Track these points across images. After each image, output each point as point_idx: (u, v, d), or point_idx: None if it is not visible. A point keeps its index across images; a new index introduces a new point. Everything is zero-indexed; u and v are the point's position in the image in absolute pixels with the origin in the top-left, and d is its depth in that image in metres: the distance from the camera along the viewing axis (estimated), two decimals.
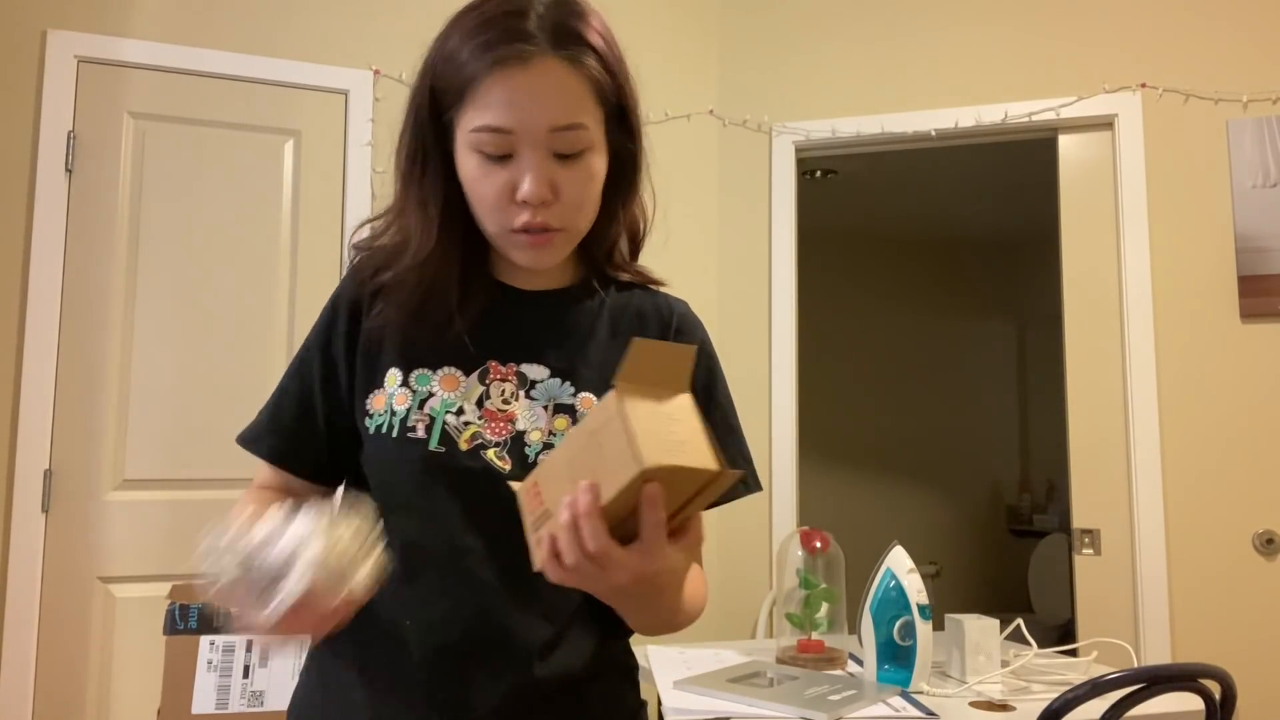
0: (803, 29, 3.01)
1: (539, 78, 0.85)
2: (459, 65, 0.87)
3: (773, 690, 1.62)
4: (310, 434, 0.97)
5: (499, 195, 0.87)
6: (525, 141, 0.86)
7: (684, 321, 1.05)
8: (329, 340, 0.97)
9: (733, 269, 3.00)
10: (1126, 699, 1.44)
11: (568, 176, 0.88)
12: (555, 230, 0.89)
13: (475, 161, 0.87)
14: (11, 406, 2.32)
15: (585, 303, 1.00)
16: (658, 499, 0.68)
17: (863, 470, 5.33)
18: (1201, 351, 2.59)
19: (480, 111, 0.85)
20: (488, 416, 0.91)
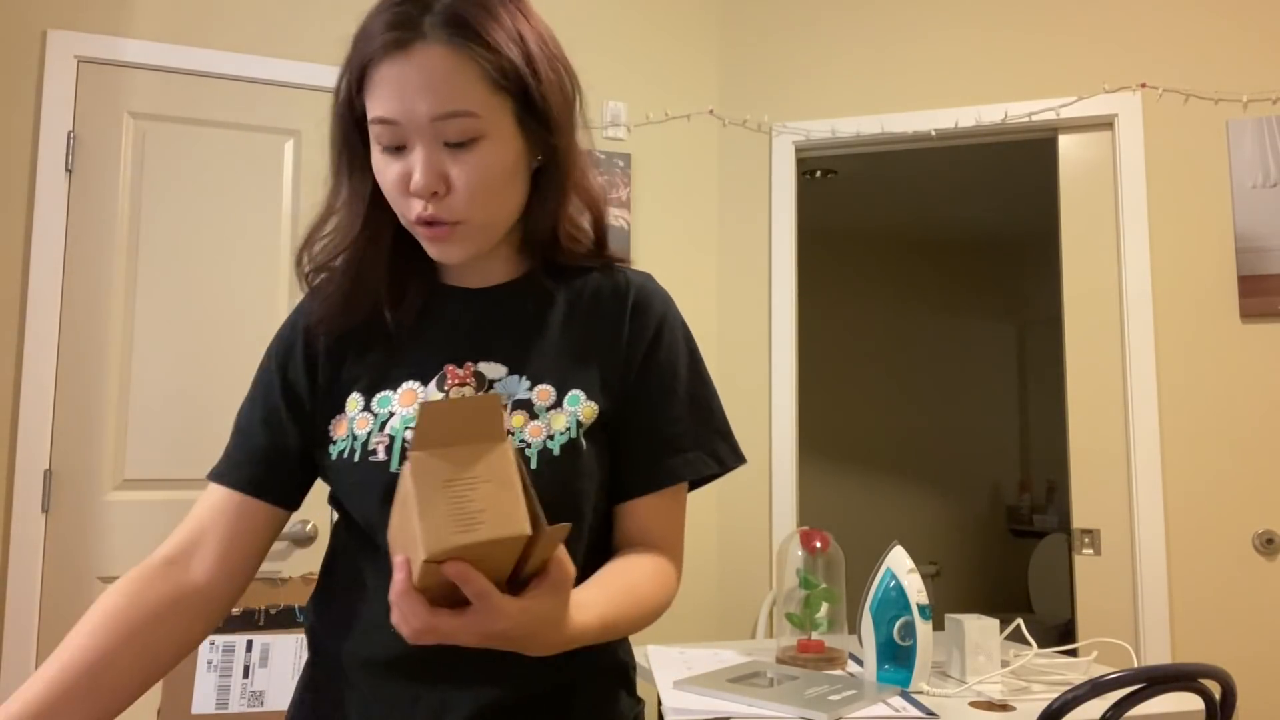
0: (803, 29, 3.01)
1: (419, 66, 0.83)
2: (359, 53, 0.87)
3: (773, 690, 1.62)
4: (283, 459, 0.96)
5: (396, 186, 0.87)
6: (412, 131, 0.84)
7: (641, 294, 0.98)
8: (286, 363, 0.97)
9: (733, 269, 3.00)
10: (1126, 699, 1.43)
11: (459, 167, 0.85)
12: (451, 223, 0.87)
13: (377, 153, 0.88)
14: (11, 406, 2.33)
15: (533, 295, 0.97)
16: (466, 574, 0.67)
17: (863, 470, 5.33)
18: (1201, 351, 2.59)
19: (374, 103, 0.86)
20: None
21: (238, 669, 1.77)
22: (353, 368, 0.95)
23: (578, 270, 0.98)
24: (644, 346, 0.96)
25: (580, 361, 0.94)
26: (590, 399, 0.92)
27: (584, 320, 0.96)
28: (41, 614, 2.31)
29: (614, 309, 0.97)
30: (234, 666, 1.77)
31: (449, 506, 0.67)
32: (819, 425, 5.09)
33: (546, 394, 0.91)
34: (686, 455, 0.96)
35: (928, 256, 5.54)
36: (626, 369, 0.95)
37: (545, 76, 0.88)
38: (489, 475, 0.68)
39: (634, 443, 0.95)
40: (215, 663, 1.76)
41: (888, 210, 4.95)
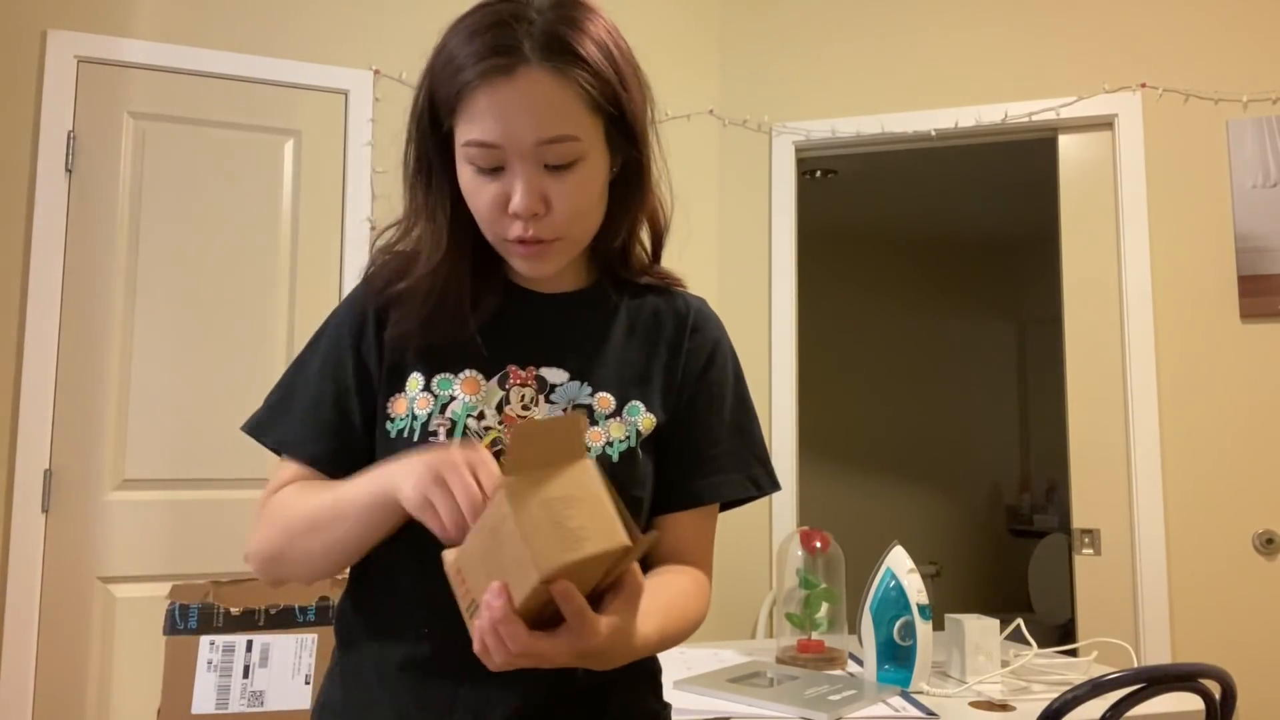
0: (803, 29, 3.01)
1: (524, 91, 0.84)
2: (451, 76, 0.86)
3: (773, 690, 1.62)
4: (350, 437, 0.95)
5: (491, 207, 0.88)
6: (513, 155, 0.85)
7: (700, 318, 1.04)
8: (359, 343, 0.97)
9: (733, 269, 3.00)
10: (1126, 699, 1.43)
11: (559, 188, 0.87)
12: (549, 241, 0.89)
13: (469, 173, 0.88)
14: (11, 406, 2.32)
15: (601, 305, 1.00)
16: (570, 592, 0.68)
17: (863, 470, 5.33)
18: (1201, 351, 2.59)
19: (469, 125, 0.86)
20: (507, 421, 0.92)
21: (238, 669, 1.77)
22: (417, 349, 0.95)
23: (639, 287, 1.02)
24: (698, 368, 1.01)
25: (640, 375, 0.98)
26: (649, 411, 0.96)
27: (644, 336, 1.00)
28: (41, 614, 2.31)
29: (674, 329, 1.01)
30: (234, 666, 1.77)
31: (551, 526, 0.68)
32: (819, 425, 5.08)
33: (607, 402, 0.94)
34: (727, 476, 1.01)
35: (928, 256, 5.54)
36: (681, 387, 0.99)
37: (633, 91, 0.91)
38: (581, 492, 0.70)
39: (678, 459, 0.99)
40: (215, 663, 1.76)
41: (888, 210, 4.95)
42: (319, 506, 0.88)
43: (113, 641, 2.36)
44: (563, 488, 0.70)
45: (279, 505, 0.92)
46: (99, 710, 2.34)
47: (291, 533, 0.89)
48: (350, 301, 1.00)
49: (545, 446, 0.70)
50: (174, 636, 1.76)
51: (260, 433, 0.98)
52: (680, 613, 0.92)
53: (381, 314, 0.97)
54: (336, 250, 2.61)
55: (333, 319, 1.01)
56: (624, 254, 1.01)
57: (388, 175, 2.61)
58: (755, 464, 1.03)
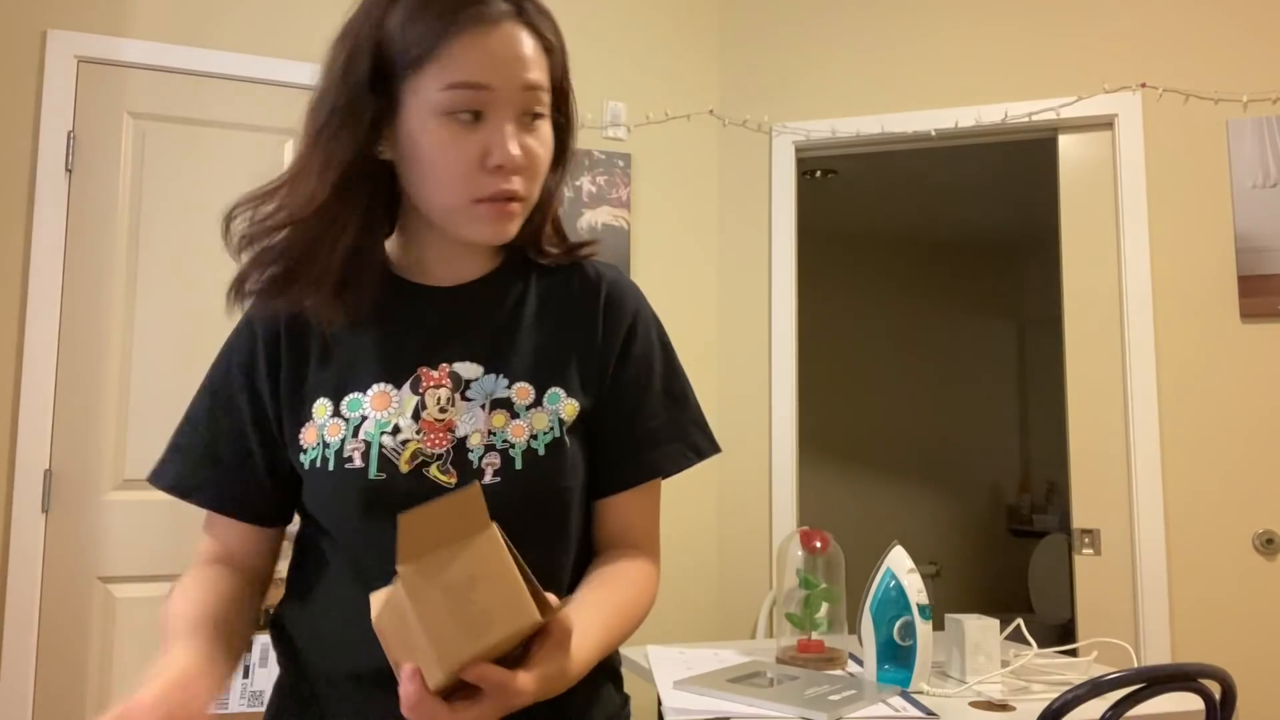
0: (803, 29, 3.01)
1: (509, 38, 0.85)
2: (419, 29, 0.83)
3: (773, 690, 1.62)
4: (253, 477, 0.92)
5: (470, 162, 0.84)
6: (500, 100, 0.84)
7: (614, 289, 0.98)
8: (251, 373, 0.93)
9: (733, 269, 3.00)
10: (1126, 699, 1.43)
11: (531, 142, 0.86)
12: (521, 200, 0.87)
13: (444, 127, 0.84)
14: (11, 406, 2.32)
15: (506, 290, 0.95)
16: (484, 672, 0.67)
17: (863, 470, 5.33)
18: (1201, 351, 2.59)
19: (454, 69, 0.83)
20: (426, 428, 0.87)
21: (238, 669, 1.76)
22: (318, 373, 0.91)
23: (545, 266, 0.98)
24: (619, 343, 0.96)
25: (557, 359, 0.93)
26: (571, 396, 0.92)
27: (557, 317, 0.95)
28: (41, 614, 2.31)
29: (587, 305, 0.96)
30: None
31: (453, 616, 0.66)
32: (819, 425, 5.09)
33: (526, 392, 0.90)
34: (665, 449, 0.97)
35: (928, 256, 5.54)
36: (603, 366, 0.95)
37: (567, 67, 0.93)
38: (484, 570, 0.67)
39: (612, 438, 0.95)
40: None
41: (888, 210, 4.95)
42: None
43: (113, 641, 2.36)
44: (466, 566, 0.67)
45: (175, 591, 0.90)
46: (99, 710, 2.34)
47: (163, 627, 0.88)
48: (240, 329, 0.97)
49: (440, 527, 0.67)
50: None
51: (158, 479, 0.95)
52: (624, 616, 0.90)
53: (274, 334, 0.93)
54: None
55: (223, 350, 0.98)
56: (539, 233, 0.96)
57: None
58: (693, 429, 0.99)
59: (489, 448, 0.87)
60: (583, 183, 2.81)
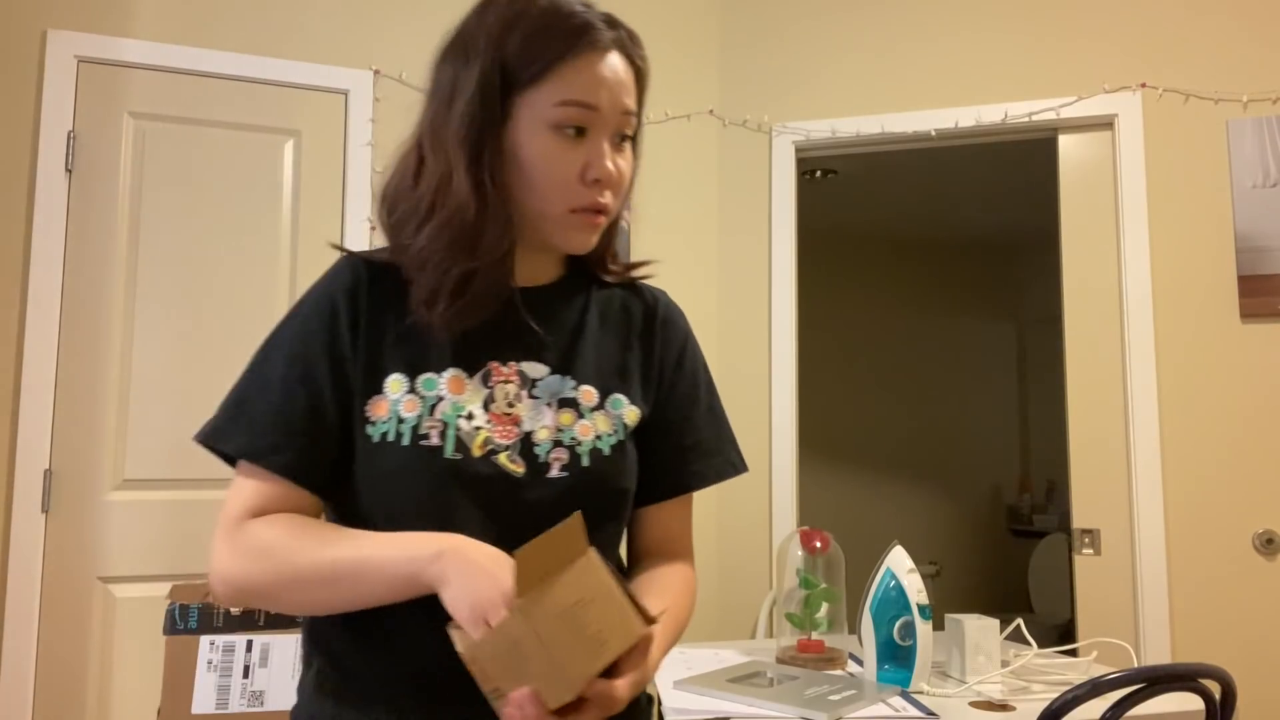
0: (803, 29, 3.01)
1: (616, 65, 0.92)
2: (537, 49, 0.90)
3: (773, 690, 1.62)
4: (326, 445, 0.90)
5: (571, 174, 0.91)
6: (602, 120, 0.91)
7: (668, 310, 1.07)
8: (333, 340, 0.91)
9: (733, 269, 3.00)
10: (1126, 699, 1.43)
11: (622, 162, 0.94)
12: (607, 214, 0.94)
13: (553, 139, 0.90)
14: (11, 406, 2.32)
15: (573, 298, 1.01)
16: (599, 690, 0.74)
17: (863, 470, 5.33)
18: (1201, 351, 2.59)
19: (564, 89, 0.90)
20: (495, 420, 0.91)
21: (238, 669, 1.77)
22: (394, 348, 0.92)
23: (603, 282, 1.05)
24: (673, 359, 1.04)
25: (618, 368, 1.00)
26: (632, 404, 0.99)
27: (616, 329, 1.02)
28: (41, 614, 2.31)
29: (644, 322, 1.04)
30: (234, 666, 1.77)
31: (574, 638, 0.72)
32: (819, 425, 5.09)
33: (591, 395, 0.96)
34: (711, 460, 1.05)
35: (928, 256, 5.54)
36: (660, 378, 1.03)
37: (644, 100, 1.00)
38: (592, 592, 0.74)
39: (661, 448, 1.02)
40: (215, 663, 1.76)
41: (888, 210, 4.95)
42: (335, 561, 0.84)
43: (113, 641, 2.37)
44: (575, 592, 0.73)
45: (257, 539, 0.86)
46: (99, 710, 2.34)
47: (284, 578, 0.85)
48: (319, 292, 0.94)
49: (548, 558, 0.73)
50: (174, 636, 1.76)
51: (217, 439, 0.91)
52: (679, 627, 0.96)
53: (355, 303, 0.92)
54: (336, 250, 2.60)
55: (299, 311, 0.94)
56: (606, 250, 1.03)
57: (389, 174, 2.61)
58: (730, 446, 1.07)
59: (556, 443, 0.92)
60: None
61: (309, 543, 0.85)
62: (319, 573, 0.84)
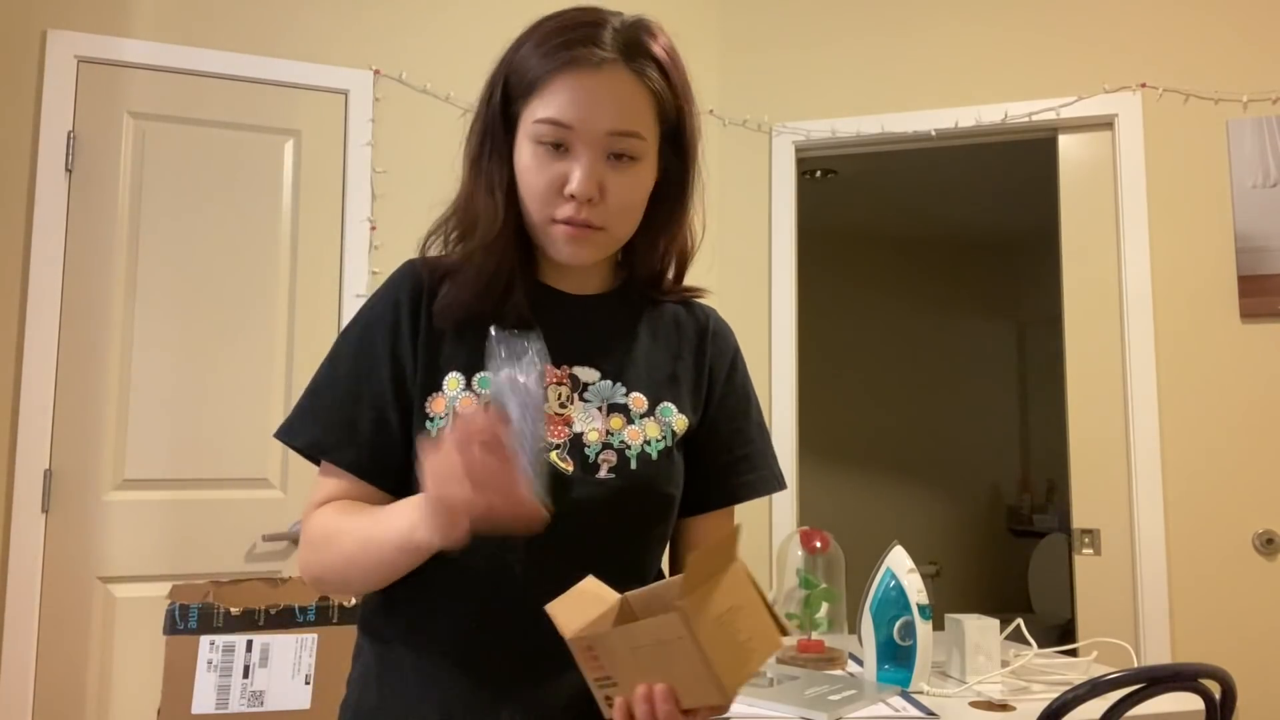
0: (803, 29, 3.01)
1: (606, 83, 0.91)
2: (534, 60, 0.92)
3: (773, 690, 1.62)
4: (388, 441, 0.95)
5: (549, 185, 0.92)
6: (582, 139, 0.91)
7: (718, 325, 1.10)
8: (395, 340, 0.96)
9: (733, 269, 3.00)
10: (1126, 699, 1.44)
11: (616, 180, 0.92)
12: (595, 228, 0.93)
13: (531, 151, 0.92)
14: (11, 406, 2.32)
15: (625, 308, 1.03)
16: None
17: (863, 470, 5.33)
18: (1201, 351, 2.59)
19: (545, 105, 0.91)
20: (546, 420, 0.93)
21: (238, 669, 1.77)
22: (451, 347, 0.96)
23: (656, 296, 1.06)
24: (724, 371, 1.07)
25: (668, 376, 1.02)
26: (681, 412, 1.00)
27: (667, 341, 1.04)
28: (41, 614, 2.31)
29: (695, 335, 1.06)
30: (234, 666, 1.77)
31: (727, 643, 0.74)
32: (819, 425, 5.08)
33: (641, 402, 0.98)
34: (759, 473, 1.07)
35: (928, 256, 5.54)
36: (710, 390, 1.05)
37: (691, 110, 1.00)
38: (741, 600, 0.76)
39: (711, 459, 1.04)
40: (215, 663, 1.76)
41: (888, 210, 4.95)
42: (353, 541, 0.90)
43: (113, 641, 2.37)
44: (728, 598, 0.75)
45: (318, 527, 0.93)
46: (99, 710, 2.34)
47: (327, 561, 0.92)
48: (384, 294, 1.00)
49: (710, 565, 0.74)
50: (174, 636, 1.76)
51: (292, 436, 0.97)
52: None
53: (417, 301, 0.97)
54: (336, 250, 2.60)
55: (366, 313, 1.00)
56: (651, 267, 1.04)
57: (388, 175, 2.61)
58: (774, 461, 1.09)
59: (606, 445, 0.94)
60: None
61: (341, 525, 0.91)
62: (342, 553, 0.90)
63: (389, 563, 0.88)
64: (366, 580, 0.91)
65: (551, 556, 0.90)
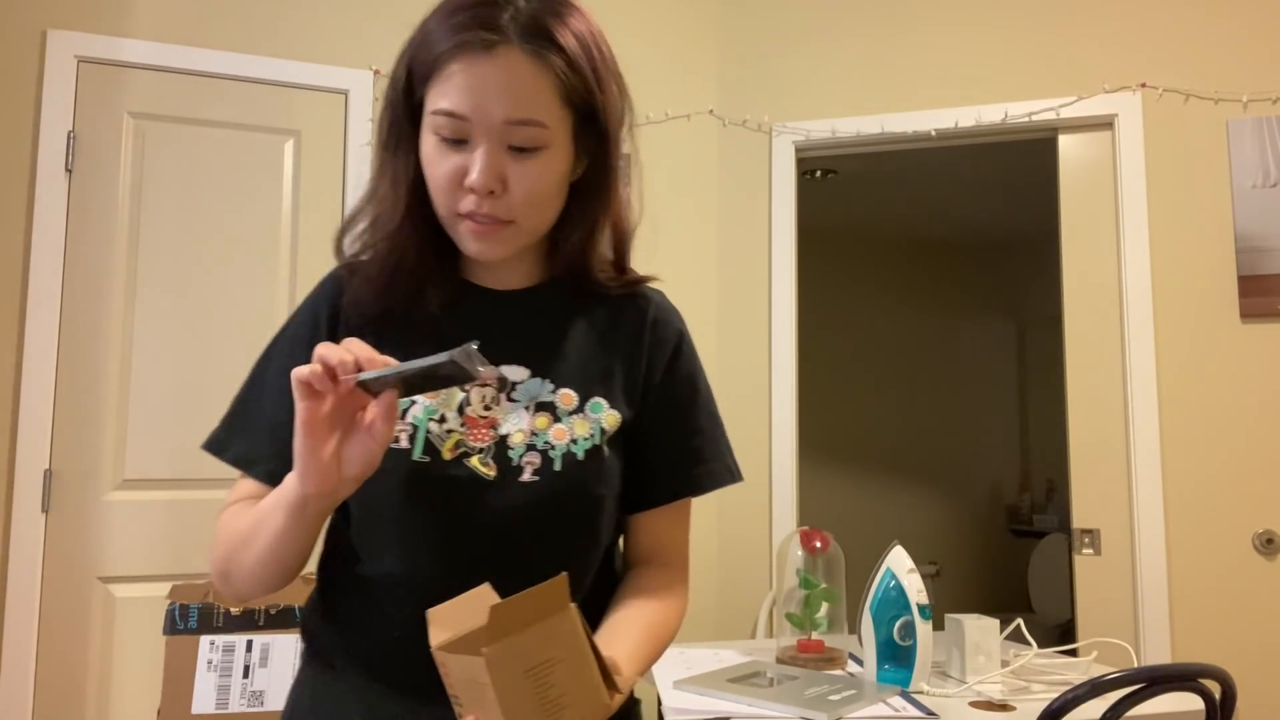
0: (803, 29, 3.01)
1: (500, 69, 0.84)
2: (430, 46, 0.86)
3: (773, 690, 1.62)
4: None
5: (449, 178, 0.87)
6: (479, 129, 0.85)
7: (661, 311, 1.02)
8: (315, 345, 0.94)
9: (733, 269, 3.00)
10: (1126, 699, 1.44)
11: (518, 171, 0.86)
12: (502, 222, 0.88)
13: (432, 143, 0.87)
14: (11, 406, 2.32)
15: (556, 301, 0.98)
16: None
17: (862, 470, 5.33)
18: (1201, 351, 2.59)
19: (440, 95, 0.85)
20: (469, 423, 0.90)
21: (238, 669, 1.77)
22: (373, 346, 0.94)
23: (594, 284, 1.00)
24: (665, 360, 1.00)
25: (601, 370, 0.96)
26: (613, 407, 0.95)
27: (603, 331, 0.98)
28: (41, 614, 2.31)
29: (633, 323, 1.00)
30: (234, 666, 1.77)
31: (533, 698, 0.68)
32: (819, 425, 5.09)
33: (569, 399, 0.94)
34: (708, 466, 1.01)
35: (928, 256, 5.54)
36: (648, 381, 0.98)
37: (609, 94, 0.91)
38: (564, 654, 0.70)
39: (658, 453, 0.99)
40: (215, 663, 1.76)
41: (888, 210, 4.95)
42: (248, 522, 0.87)
43: (113, 641, 2.37)
44: (547, 649, 0.69)
45: (223, 524, 0.92)
46: (99, 710, 2.34)
47: (231, 551, 0.89)
48: (307, 306, 0.98)
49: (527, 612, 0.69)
50: (174, 636, 1.76)
51: (219, 449, 0.96)
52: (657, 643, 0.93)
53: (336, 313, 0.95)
54: None
55: (289, 326, 0.99)
56: (582, 258, 0.97)
57: None
58: (727, 452, 1.03)
59: (530, 447, 0.90)
60: None
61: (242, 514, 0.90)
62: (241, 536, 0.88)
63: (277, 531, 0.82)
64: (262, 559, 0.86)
65: (478, 564, 0.88)
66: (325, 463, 0.75)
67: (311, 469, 0.76)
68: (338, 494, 0.78)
